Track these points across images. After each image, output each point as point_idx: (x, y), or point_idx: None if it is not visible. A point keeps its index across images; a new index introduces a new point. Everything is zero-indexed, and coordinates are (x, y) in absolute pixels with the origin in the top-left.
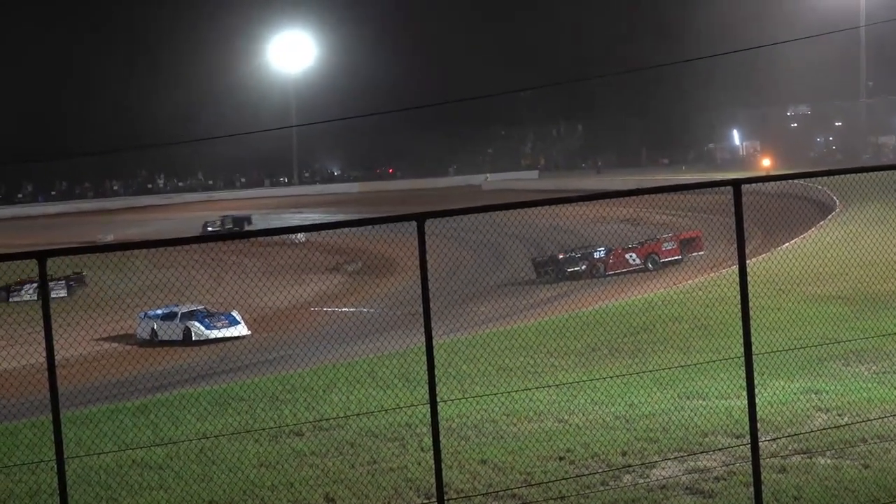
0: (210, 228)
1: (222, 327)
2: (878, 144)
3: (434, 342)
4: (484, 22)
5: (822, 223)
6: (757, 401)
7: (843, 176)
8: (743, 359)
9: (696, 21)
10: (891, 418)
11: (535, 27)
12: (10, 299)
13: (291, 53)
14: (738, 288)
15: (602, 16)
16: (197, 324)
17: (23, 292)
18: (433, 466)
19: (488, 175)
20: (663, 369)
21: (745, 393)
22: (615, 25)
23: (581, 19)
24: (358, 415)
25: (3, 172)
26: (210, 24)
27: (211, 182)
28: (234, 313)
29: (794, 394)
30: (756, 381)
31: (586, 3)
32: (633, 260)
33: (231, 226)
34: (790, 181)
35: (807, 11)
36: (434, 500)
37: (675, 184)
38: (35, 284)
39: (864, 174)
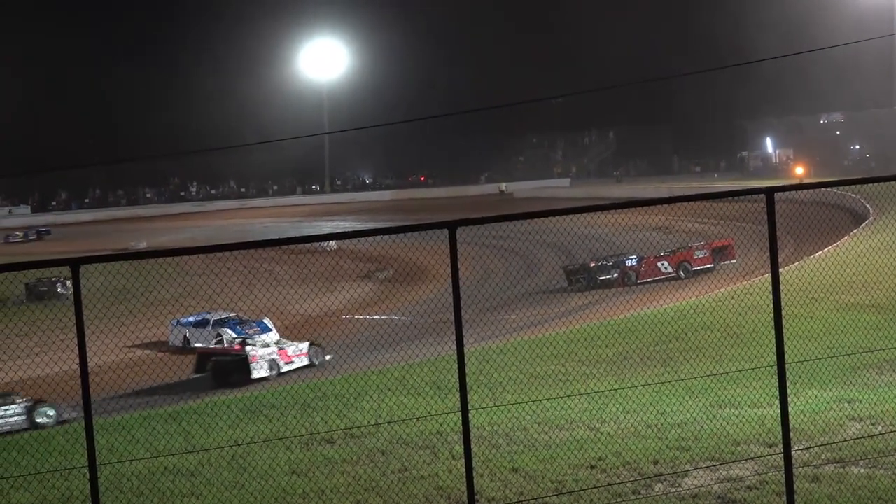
0: (12, 240)
1: (254, 334)
2: None
3: (465, 350)
4: (517, 29)
5: (855, 231)
6: (790, 410)
7: (876, 184)
8: (776, 367)
9: (730, 28)
10: None
11: (567, 35)
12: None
13: (323, 61)
14: (770, 296)
15: (635, 23)
16: (229, 331)
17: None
18: (464, 474)
19: (504, 185)
20: (695, 378)
21: (777, 402)
22: (649, 32)
23: (613, 27)
24: (389, 423)
25: (37, 180)
26: (243, 34)
27: (243, 190)
28: (266, 320)
29: (827, 403)
30: (789, 390)
31: (619, 11)
32: (665, 268)
33: (34, 237)
34: (823, 189)
35: (841, 18)
36: None
37: (708, 192)
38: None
39: None
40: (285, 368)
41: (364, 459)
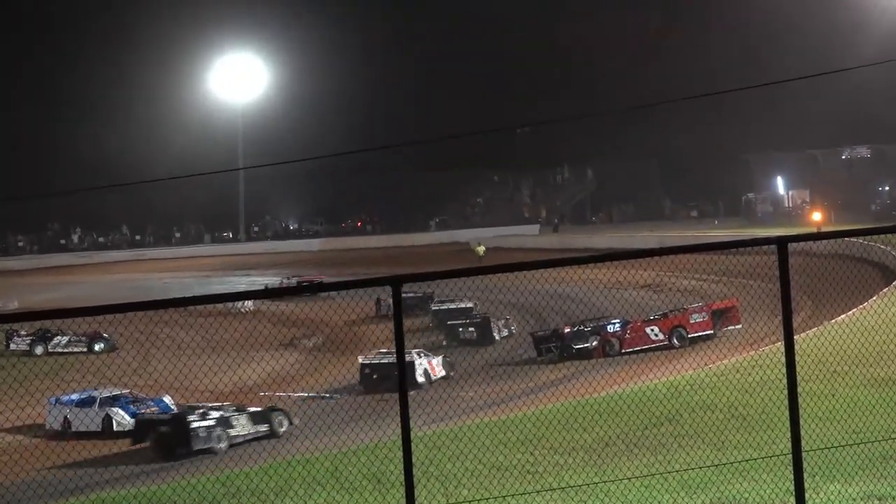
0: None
1: (151, 415)
2: None
3: (412, 434)
4: (469, 46)
5: (884, 291)
6: None
7: None
8: (790, 456)
9: (735, 46)
10: None
11: (522, 55)
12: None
13: (239, 81)
14: (783, 369)
15: (621, 41)
16: (120, 411)
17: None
18: None
19: (482, 246)
20: (692, 469)
21: (793, 498)
22: (638, 51)
23: (591, 46)
24: None
25: None
26: (142, 47)
27: (139, 237)
28: (166, 398)
29: (853, 500)
30: (806, 484)
31: (602, 28)
32: (655, 334)
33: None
34: (846, 239)
35: (867, 34)
36: None
37: (707, 242)
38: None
39: None
40: None
41: None
